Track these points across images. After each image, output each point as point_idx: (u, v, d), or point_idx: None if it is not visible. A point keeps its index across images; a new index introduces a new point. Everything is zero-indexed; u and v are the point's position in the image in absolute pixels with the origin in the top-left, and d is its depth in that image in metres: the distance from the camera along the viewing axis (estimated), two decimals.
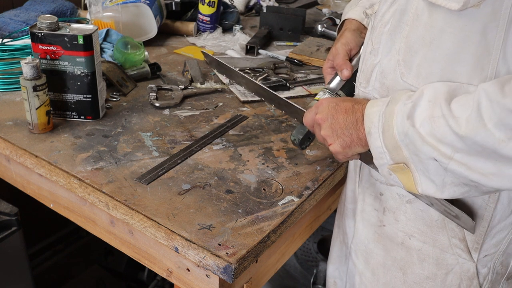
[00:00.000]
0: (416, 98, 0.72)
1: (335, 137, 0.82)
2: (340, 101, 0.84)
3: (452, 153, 0.68)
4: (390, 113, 0.74)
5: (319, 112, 0.85)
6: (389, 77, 0.82)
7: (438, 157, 0.69)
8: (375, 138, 0.76)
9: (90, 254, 2.10)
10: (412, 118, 0.71)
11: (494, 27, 0.67)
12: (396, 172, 0.76)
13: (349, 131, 0.80)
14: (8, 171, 1.12)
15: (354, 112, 0.80)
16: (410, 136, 0.71)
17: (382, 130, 0.75)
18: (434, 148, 0.69)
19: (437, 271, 0.89)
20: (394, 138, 0.73)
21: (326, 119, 0.83)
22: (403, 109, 0.72)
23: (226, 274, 0.77)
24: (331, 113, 0.83)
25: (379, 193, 0.93)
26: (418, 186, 0.74)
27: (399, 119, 0.72)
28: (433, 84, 0.73)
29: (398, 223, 0.90)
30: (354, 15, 1.06)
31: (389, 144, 0.74)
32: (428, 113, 0.69)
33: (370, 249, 0.97)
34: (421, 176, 0.73)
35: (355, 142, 0.81)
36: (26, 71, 1.01)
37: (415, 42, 0.76)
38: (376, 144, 0.76)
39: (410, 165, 0.73)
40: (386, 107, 0.75)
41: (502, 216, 0.82)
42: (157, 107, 1.23)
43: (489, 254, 0.86)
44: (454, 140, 0.66)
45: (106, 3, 1.60)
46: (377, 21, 0.84)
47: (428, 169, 0.72)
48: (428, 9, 0.73)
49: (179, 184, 0.94)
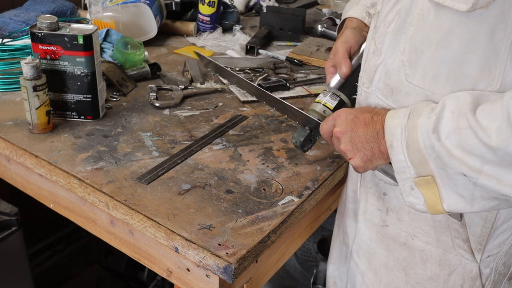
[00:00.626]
0: (439, 110, 0.70)
1: (356, 151, 0.80)
2: (358, 112, 0.82)
3: (481, 166, 0.66)
4: (413, 127, 0.72)
5: (337, 124, 0.83)
6: (393, 78, 0.81)
7: (467, 172, 0.67)
8: (398, 152, 0.74)
9: (90, 254, 2.10)
10: (437, 132, 0.69)
11: (503, 29, 0.67)
12: (420, 187, 0.73)
13: (370, 144, 0.78)
14: (8, 171, 1.12)
15: (374, 124, 0.78)
16: (436, 150, 0.69)
17: (406, 144, 0.73)
18: (462, 162, 0.67)
19: (440, 272, 0.89)
20: (420, 152, 0.71)
21: (345, 133, 0.81)
22: (427, 122, 0.70)
23: (226, 274, 0.76)
24: (350, 126, 0.81)
25: (382, 193, 0.92)
26: (443, 202, 0.72)
27: (424, 133, 0.70)
28: (454, 94, 0.71)
29: (401, 223, 0.90)
30: (355, 14, 1.05)
31: (415, 159, 0.72)
32: (453, 124, 0.67)
33: (373, 249, 0.97)
34: (448, 190, 0.71)
35: (376, 156, 0.79)
36: (26, 71, 1.01)
37: (420, 43, 0.75)
38: (399, 158, 0.74)
39: (436, 179, 0.71)
40: (408, 120, 0.73)
41: (506, 217, 0.82)
42: (157, 107, 1.23)
43: (492, 255, 0.86)
44: (484, 151, 0.64)
45: (106, 3, 1.60)
46: (380, 20, 0.84)
47: (456, 184, 0.70)
48: (434, 10, 0.72)
49: (179, 184, 0.94)
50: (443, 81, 0.74)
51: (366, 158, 0.80)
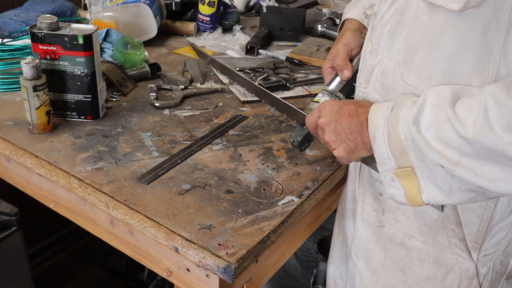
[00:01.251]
0: (420, 103, 0.71)
1: (339, 142, 0.81)
2: (343, 104, 0.83)
3: (459, 158, 0.67)
4: (395, 119, 0.73)
5: (322, 115, 0.85)
6: (389, 78, 0.81)
7: (445, 163, 0.68)
8: (380, 144, 0.75)
9: (90, 254, 2.10)
10: (417, 124, 0.70)
11: (495, 28, 0.67)
12: (400, 178, 0.75)
13: (354, 135, 0.80)
14: (8, 171, 1.12)
15: (358, 116, 0.79)
16: (416, 142, 0.70)
17: (387, 136, 0.74)
18: (441, 154, 0.68)
19: (437, 271, 0.89)
20: (401, 144, 0.72)
21: (329, 123, 0.82)
22: (408, 114, 0.71)
23: (226, 274, 0.77)
24: (334, 117, 0.82)
25: (378, 194, 0.92)
26: (422, 193, 0.73)
27: (405, 125, 0.71)
28: (436, 87, 0.72)
29: (398, 223, 0.90)
30: (354, 15, 1.06)
31: (396, 150, 0.73)
32: (433, 117, 0.68)
33: (370, 249, 0.97)
34: (427, 182, 0.72)
35: (360, 147, 0.80)
36: (26, 71, 1.01)
37: (415, 42, 0.76)
38: (381, 150, 0.75)
39: (416, 170, 0.72)
40: (391, 112, 0.74)
41: (502, 216, 0.82)
42: (157, 107, 1.23)
43: (488, 254, 0.86)
44: (461, 144, 0.66)
45: (106, 3, 1.60)
46: (377, 21, 0.84)
47: (435, 175, 0.71)
48: (428, 10, 0.73)
49: (179, 184, 0.94)
50: (437, 80, 0.74)
51: (349, 149, 0.81)
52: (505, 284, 0.92)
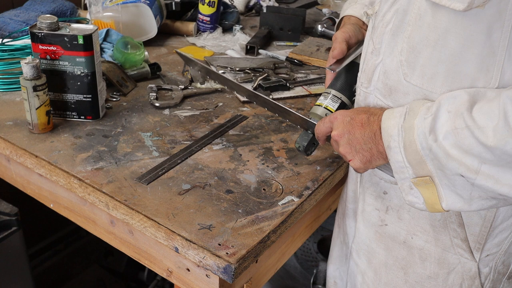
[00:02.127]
0: (435, 110, 0.70)
1: (355, 153, 0.80)
2: (354, 114, 0.82)
3: (479, 165, 0.66)
4: (410, 128, 0.72)
5: (334, 127, 0.84)
6: (391, 78, 0.81)
7: (465, 173, 0.67)
8: (396, 153, 0.74)
9: (90, 254, 2.10)
10: (434, 132, 0.69)
11: (499, 28, 0.67)
12: (419, 187, 0.74)
13: (368, 145, 0.79)
14: (8, 171, 1.12)
15: (371, 125, 0.78)
16: (434, 151, 0.69)
17: (403, 145, 0.73)
18: (460, 163, 0.67)
19: (439, 271, 0.89)
20: (418, 154, 0.71)
21: (342, 135, 0.81)
22: (424, 123, 0.70)
23: (226, 274, 0.76)
24: (347, 128, 0.81)
25: (382, 192, 0.92)
26: (442, 201, 0.72)
27: (421, 134, 0.70)
28: (450, 93, 0.71)
29: (402, 222, 0.90)
30: (353, 12, 1.06)
31: (413, 160, 0.72)
32: (451, 125, 0.67)
33: (372, 248, 0.97)
34: (446, 190, 0.71)
35: (375, 156, 0.79)
36: (26, 71, 1.01)
37: (418, 42, 0.75)
38: (397, 159, 0.74)
39: (434, 179, 0.72)
40: (404, 120, 0.73)
41: (504, 217, 0.82)
42: (157, 107, 1.23)
43: (491, 254, 0.86)
44: (482, 151, 0.65)
45: (106, 3, 1.60)
46: (378, 21, 0.84)
47: (455, 184, 0.70)
48: (431, 10, 0.73)
49: (179, 184, 0.94)
50: (441, 80, 0.74)
51: (365, 159, 0.80)
52: (506, 284, 0.92)
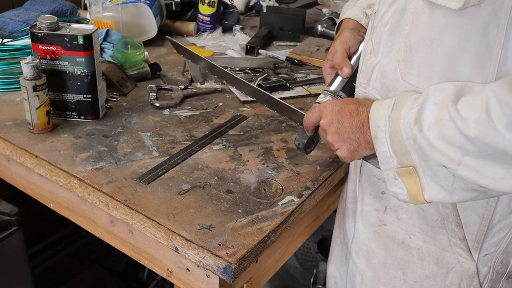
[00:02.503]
0: (422, 101, 0.71)
1: (342, 142, 0.81)
2: (344, 103, 0.82)
3: (461, 157, 0.67)
4: (397, 118, 0.73)
5: (323, 116, 0.84)
6: (389, 77, 0.81)
7: (447, 163, 0.68)
8: (382, 143, 0.75)
9: (90, 254, 2.10)
10: (419, 123, 0.70)
11: (495, 27, 0.67)
12: (403, 177, 0.75)
13: (356, 135, 0.80)
14: (8, 171, 1.12)
15: (360, 115, 0.79)
16: (418, 141, 0.70)
17: (389, 135, 0.74)
18: (443, 154, 0.68)
19: (438, 270, 0.89)
20: (403, 144, 0.72)
21: (331, 124, 0.82)
22: (410, 113, 0.71)
23: (226, 274, 0.76)
24: (336, 117, 0.82)
25: (381, 192, 0.92)
26: (425, 192, 0.73)
27: (406, 124, 0.71)
28: (438, 85, 0.72)
29: (400, 222, 0.90)
30: (352, 15, 1.06)
31: (398, 150, 0.73)
32: (435, 116, 0.68)
33: (371, 248, 0.97)
34: (429, 181, 0.72)
35: (363, 146, 0.80)
36: (26, 71, 1.01)
37: (415, 42, 0.76)
38: (383, 149, 0.75)
39: (418, 169, 0.72)
40: (392, 111, 0.74)
41: (502, 215, 0.82)
42: (157, 107, 1.23)
43: (489, 253, 0.86)
44: (464, 142, 0.66)
45: (106, 3, 1.60)
46: (377, 21, 0.84)
47: (437, 174, 0.71)
48: (428, 9, 0.73)
49: (179, 184, 0.94)
50: (438, 80, 0.74)
51: (352, 148, 0.81)
52: (505, 284, 0.92)
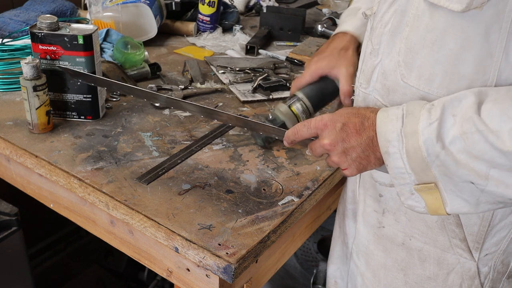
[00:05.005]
0: (440, 114, 0.67)
1: (351, 162, 0.77)
2: (345, 119, 0.76)
3: (488, 170, 0.64)
4: (413, 133, 0.69)
5: (324, 136, 0.77)
6: (390, 78, 0.81)
7: (475, 179, 0.65)
8: (395, 159, 0.71)
9: (90, 254, 2.10)
10: (441, 138, 0.66)
11: (497, 29, 0.67)
12: (421, 192, 0.72)
13: (366, 153, 0.75)
14: (8, 171, 1.12)
15: (366, 131, 0.75)
16: (441, 158, 0.67)
17: (405, 151, 0.70)
18: (469, 169, 0.65)
19: (438, 271, 0.89)
20: (423, 161, 0.69)
21: (336, 144, 0.76)
22: (429, 129, 0.68)
23: (226, 274, 0.76)
24: (340, 136, 0.75)
25: (378, 195, 0.92)
26: (446, 206, 0.70)
27: (428, 140, 0.67)
28: (453, 95, 0.69)
29: (399, 224, 0.90)
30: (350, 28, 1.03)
31: (417, 167, 0.70)
32: (457, 129, 0.65)
33: (371, 250, 0.97)
34: (452, 196, 0.70)
35: (372, 163, 0.76)
36: (26, 71, 1.01)
37: (416, 43, 0.75)
38: (397, 165, 0.72)
39: (438, 184, 0.70)
40: (403, 125, 0.70)
41: (502, 215, 0.82)
42: (157, 107, 1.22)
43: (490, 253, 0.86)
44: (495, 156, 0.63)
45: (106, 3, 1.60)
46: (377, 21, 0.84)
47: (462, 190, 0.68)
48: (429, 10, 0.72)
49: (179, 184, 0.94)
50: (438, 82, 0.74)
51: (361, 166, 0.77)
52: (506, 283, 0.92)
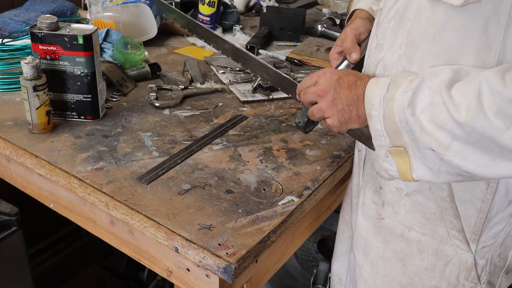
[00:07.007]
0: (417, 84, 0.72)
1: (335, 111, 0.83)
2: (343, 74, 0.84)
3: (450, 142, 0.68)
4: (391, 99, 0.74)
5: (320, 82, 0.85)
6: (391, 71, 0.83)
7: (436, 147, 0.70)
8: (376, 121, 0.77)
9: (90, 254, 2.10)
10: (412, 106, 0.71)
11: (495, 23, 0.69)
12: (394, 155, 0.77)
13: (350, 107, 0.81)
14: (8, 171, 1.12)
15: (357, 89, 0.81)
16: (410, 124, 0.72)
17: (383, 115, 0.76)
18: (432, 137, 0.70)
19: (436, 262, 0.90)
20: (395, 125, 0.74)
21: (328, 91, 0.83)
22: (404, 96, 0.73)
23: (226, 274, 0.77)
24: (334, 86, 0.83)
25: (378, 187, 0.93)
26: (413, 172, 0.75)
27: (400, 107, 0.73)
28: (434, 69, 0.73)
29: (398, 216, 0.91)
30: (364, 6, 1.07)
31: (390, 130, 0.75)
32: (429, 100, 0.70)
33: (370, 241, 0.98)
34: (418, 162, 0.74)
35: (353, 119, 0.82)
36: (26, 71, 1.01)
37: (417, 36, 0.77)
38: (376, 127, 0.77)
39: (408, 150, 0.75)
40: (387, 91, 0.76)
41: (499, 208, 0.84)
42: (157, 107, 1.23)
43: (486, 246, 0.88)
44: (454, 127, 0.67)
45: (106, 3, 1.60)
46: (382, 17, 0.86)
47: (426, 157, 0.73)
48: (430, 5, 0.75)
49: (179, 184, 0.94)
50: None
51: (343, 119, 0.83)
52: (504, 278, 0.93)
